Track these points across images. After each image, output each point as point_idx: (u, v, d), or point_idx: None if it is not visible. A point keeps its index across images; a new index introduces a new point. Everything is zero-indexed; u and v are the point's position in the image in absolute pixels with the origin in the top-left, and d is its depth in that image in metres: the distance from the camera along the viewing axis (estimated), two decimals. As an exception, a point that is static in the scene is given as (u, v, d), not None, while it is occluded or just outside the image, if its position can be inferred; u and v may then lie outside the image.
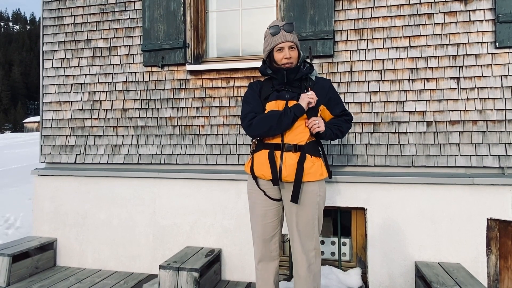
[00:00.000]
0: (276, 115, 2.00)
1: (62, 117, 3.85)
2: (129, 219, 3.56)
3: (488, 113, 2.94)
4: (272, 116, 2.01)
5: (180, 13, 3.52)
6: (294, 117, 1.99)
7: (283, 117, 1.98)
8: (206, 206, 3.39)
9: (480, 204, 2.87)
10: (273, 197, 2.15)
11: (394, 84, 3.11)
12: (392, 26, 3.12)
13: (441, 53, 3.03)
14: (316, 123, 2.03)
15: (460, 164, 2.94)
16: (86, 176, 3.69)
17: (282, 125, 2.00)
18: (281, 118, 1.98)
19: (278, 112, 2.01)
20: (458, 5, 3.02)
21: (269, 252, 2.20)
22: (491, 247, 2.88)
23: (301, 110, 2.00)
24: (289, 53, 2.06)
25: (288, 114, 1.98)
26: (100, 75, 3.77)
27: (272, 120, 2.00)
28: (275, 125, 2.00)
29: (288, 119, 1.99)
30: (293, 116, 1.98)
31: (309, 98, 2.00)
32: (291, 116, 1.98)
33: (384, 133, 3.10)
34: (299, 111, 2.00)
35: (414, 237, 2.96)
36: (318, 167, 2.09)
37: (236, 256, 3.30)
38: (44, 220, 3.78)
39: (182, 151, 3.50)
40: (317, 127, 2.03)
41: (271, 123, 2.00)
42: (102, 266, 3.61)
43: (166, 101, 3.59)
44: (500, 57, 2.94)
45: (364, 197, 3.07)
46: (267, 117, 2.03)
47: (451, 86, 3.00)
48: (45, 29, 3.94)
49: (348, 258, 3.25)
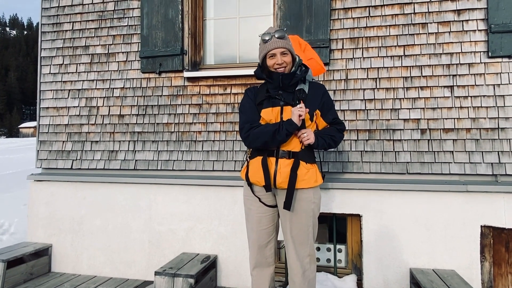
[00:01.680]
0: (270, 131, 2.01)
1: (59, 122, 3.86)
2: (125, 225, 3.56)
3: (481, 121, 2.98)
4: (267, 132, 2.02)
5: (178, 20, 3.55)
6: (287, 133, 2.00)
7: (277, 134, 2.00)
8: (202, 212, 3.39)
9: (474, 211, 2.90)
10: (268, 203, 2.16)
11: (389, 92, 3.15)
12: (387, 35, 3.17)
13: (435, 62, 3.08)
14: (305, 135, 2.03)
15: (454, 172, 2.98)
16: (82, 181, 3.68)
17: (276, 141, 2.02)
18: (274, 135, 2.00)
19: (272, 128, 2.02)
20: (452, 15, 3.07)
21: (264, 258, 2.20)
22: (485, 254, 2.90)
23: (294, 126, 2.00)
24: (281, 59, 2.09)
25: (281, 131, 1.99)
26: (98, 81, 3.79)
27: (266, 136, 2.02)
28: (269, 140, 2.02)
29: (281, 136, 2.00)
30: (286, 133, 2.00)
31: (300, 111, 1.99)
32: (284, 133, 2.00)
33: (379, 141, 3.13)
34: (292, 127, 2.00)
35: (409, 244, 2.98)
36: (313, 174, 2.10)
37: (232, 263, 3.30)
38: (39, 225, 3.76)
39: (178, 157, 3.52)
40: (307, 140, 2.03)
41: (266, 138, 2.02)
42: (97, 272, 3.59)
43: (163, 107, 3.61)
44: (492, 66, 2.99)
45: (360, 204, 3.09)
46: (262, 133, 2.04)
47: (445, 94, 3.05)
48: (43, 35, 3.96)
49: (344, 265, 3.26)
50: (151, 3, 3.62)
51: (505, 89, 2.96)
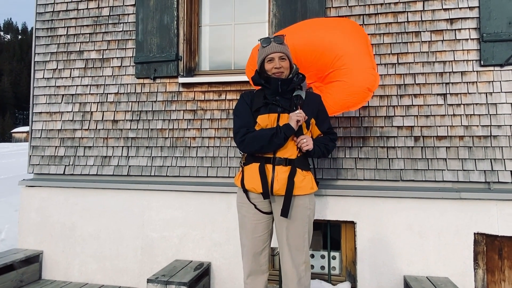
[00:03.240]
0: (268, 135, 2.02)
1: (52, 127, 3.82)
2: (117, 231, 3.52)
3: (474, 129, 3.00)
4: (264, 136, 2.03)
5: (173, 26, 3.56)
6: (285, 137, 2.02)
7: (274, 137, 2.01)
8: (196, 218, 3.37)
9: (467, 218, 2.91)
10: (264, 210, 2.15)
11: (382, 99, 3.17)
12: (380, 43, 3.20)
13: (428, 70, 3.11)
14: (304, 141, 2.05)
15: (447, 179, 2.99)
16: (75, 187, 3.64)
17: (273, 145, 2.03)
18: (272, 138, 2.01)
19: (270, 131, 2.03)
20: (444, 24, 3.11)
21: (259, 266, 2.19)
22: (479, 262, 2.91)
23: (292, 130, 2.03)
24: (279, 63, 2.11)
25: (279, 135, 2.01)
26: (92, 86, 3.77)
27: (263, 140, 2.03)
28: (266, 144, 2.03)
29: (279, 140, 2.02)
30: (283, 136, 2.02)
31: (298, 116, 2.02)
32: (282, 137, 2.01)
33: (373, 147, 3.15)
34: (290, 131, 2.03)
35: (402, 251, 2.98)
36: (309, 181, 2.12)
37: (226, 270, 3.27)
38: (30, 232, 3.71)
39: (172, 163, 3.50)
40: (306, 146, 2.05)
41: (263, 142, 2.03)
42: (89, 279, 3.54)
43: (158, 113, 3.59)
44: (485, 75, 3.02)
45: (354, 211, 3.09)
46: (259, 136, 2.05)
47: (438, 102, 3.07)
48: (38, 39, 3.94)
49: (338, 272, 3.24)
50: (146, 9, 3.63)
51: (497, 97, 2.99)
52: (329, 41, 2.56)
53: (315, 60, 2.58)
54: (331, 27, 2.69)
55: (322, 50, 2.55)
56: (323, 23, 2.78)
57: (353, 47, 2.56)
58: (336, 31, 2.63)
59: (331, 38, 2.58)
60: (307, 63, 2.59)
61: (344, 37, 2.60)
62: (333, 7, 3.30)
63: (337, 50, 2.52)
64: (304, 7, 3.29)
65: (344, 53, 2.52)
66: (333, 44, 2.55)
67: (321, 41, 2.57)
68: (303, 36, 2.62)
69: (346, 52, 2.53)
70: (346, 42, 2.57)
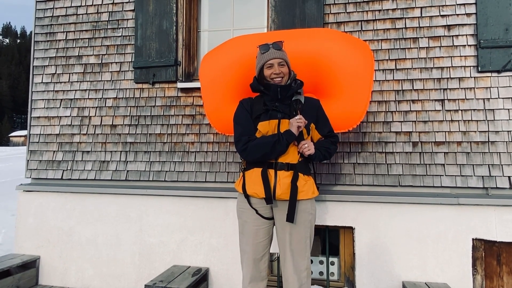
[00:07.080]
0: (270, 142, 2.03)
1: (50, 132, 3.82)
2: (115, 236, 3.50)
3: (471, 135, 3.01)
4: (266, 143, 2.04)
5: (172, 31, 3.57)
6: (287, 143, 2.04)
7: (277, 144, 2.03)
8: (194, 224, 3.36)
9: (465, 224, 2.91)
10: (265, 215, 2.15)
11: (381, 105, 3.18)
12: (378, 49, 3.22)
13: (426, 76, 3.12)
14: (306, 146, 2.07)
15: (445, 184, 3.00)
16: (72, 192, 3.63)
17: (276, 152, 2.05)
18: (275, 145, 2.03)
19: (272, 139, 2.04)
20: (442, 31, 3.13)
21: (259, 272, 2.18)
22: (477, 267, 2.91)
23: (293, 137, 2.05)
24: (278, 69, 2.13)
25: (282, 141, 2.03)
26: (91, 91, 3.77)
27: (266, 148, 2.04)
28: (269, 151, 2.04)
29: (281, 146, 2.04)
30: (286, 143, 2.03)
31: (298, 122, 2.05)
32: (285, 144, 2.03)
33: (371, 153, 3.15)
34: (291, 137, 2.05)
35: (401, 257, 2.98)
36: (310, 186, 2.14)
37: (224, 276, 3.25)
38: (27, 237, 3.68)
39: (171, 168, 3.49)
40: (308, 150, 2.07)
41: (265, 150, 2.04)
42: (86, 285, 3.52)
43: (156, 118, 3.59)
44: (482, 81, 3.04)
45: (352, 216, 3.08)
46: (261, 144, 2.06)
47: (436, 108, 3.08)
48: (36, 44, 3.95)
49: (336, 278, 3.23)
50: (145, 14, 3.64)
51: (495, 103, 3.00)
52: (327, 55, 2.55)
53: (308, 72, 2.55)
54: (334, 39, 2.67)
55: (318, 63, 2.55)
56: (327, 35, 2.75)
57: (352, 68, 2.55)
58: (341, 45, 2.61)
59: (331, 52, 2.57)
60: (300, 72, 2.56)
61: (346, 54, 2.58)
62: (332, 13, 3.31)
63: (335, 68, 2.53)
64: (303, 13, 3.31)
65: (342, 73, 2.53)
66: (331, 60, 2.54)
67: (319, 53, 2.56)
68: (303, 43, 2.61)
69: (344, 72, 2.53)
70: (346, 61, 2.56)
